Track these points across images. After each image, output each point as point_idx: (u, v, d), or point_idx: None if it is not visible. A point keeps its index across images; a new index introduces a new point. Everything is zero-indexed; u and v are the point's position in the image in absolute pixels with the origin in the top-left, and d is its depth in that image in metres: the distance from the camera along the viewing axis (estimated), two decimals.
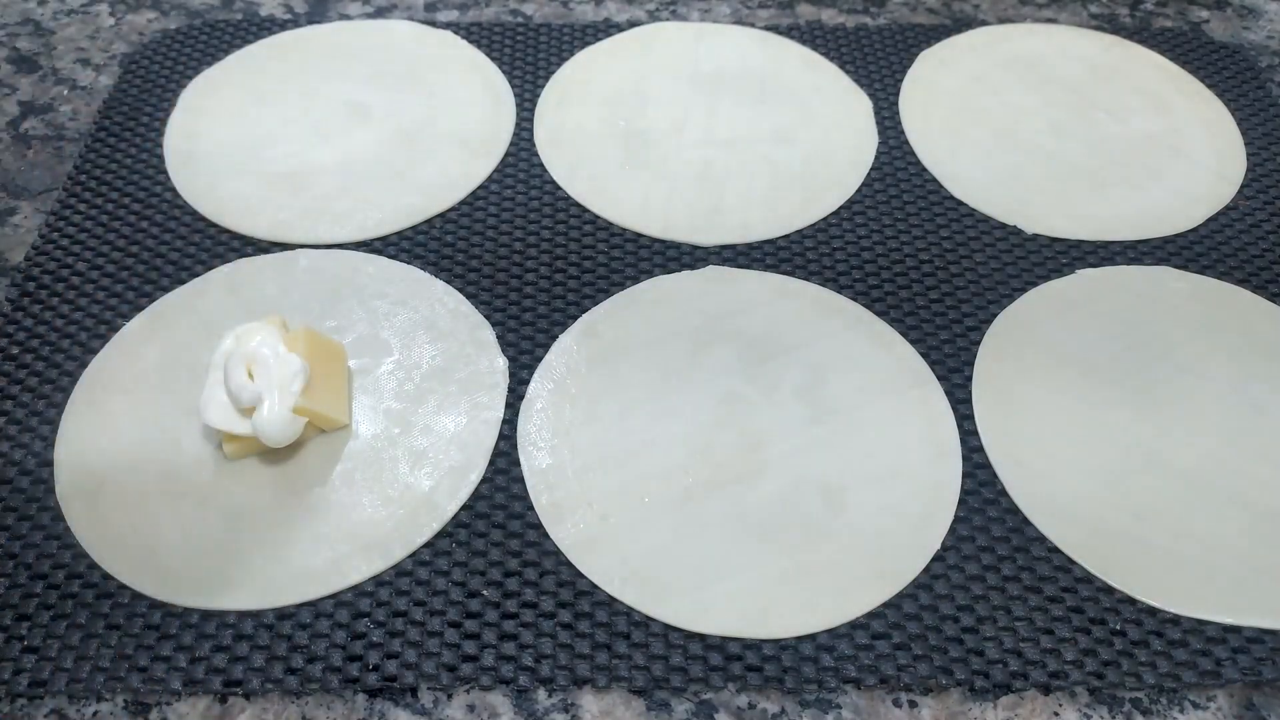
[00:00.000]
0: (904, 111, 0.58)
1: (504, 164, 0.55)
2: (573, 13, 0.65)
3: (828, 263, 0.50)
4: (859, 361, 0.46)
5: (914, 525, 0.41)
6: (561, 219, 0.52)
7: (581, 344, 0.46)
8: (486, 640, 0.37)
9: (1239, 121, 0.59)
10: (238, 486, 0.41)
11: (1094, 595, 0.39)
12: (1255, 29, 0.65)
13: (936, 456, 0.43)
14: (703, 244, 0.51)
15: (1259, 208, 0.54)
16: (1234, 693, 0.37)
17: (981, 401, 0.45)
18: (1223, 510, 0.41)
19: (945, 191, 0.54)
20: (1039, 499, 0.41)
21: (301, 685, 0.36)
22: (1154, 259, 0.51)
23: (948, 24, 0.65)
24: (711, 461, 0.42)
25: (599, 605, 0.38)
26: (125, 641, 0.37)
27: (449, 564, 0.39)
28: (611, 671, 0.36)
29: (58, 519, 0.40)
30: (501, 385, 0.45)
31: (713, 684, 0.36)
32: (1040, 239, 0.52)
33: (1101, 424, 0.44)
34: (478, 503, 0.41)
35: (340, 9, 0.65)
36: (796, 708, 0.36)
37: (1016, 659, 0.37)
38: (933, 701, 0.36)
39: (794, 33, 0.63)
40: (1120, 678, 0.37)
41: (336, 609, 0.38)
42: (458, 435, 0.43)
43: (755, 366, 0.46)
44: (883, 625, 0.38)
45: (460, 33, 0.62)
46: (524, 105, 0.58)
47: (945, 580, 0.39)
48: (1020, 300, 0.49)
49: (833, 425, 0.44)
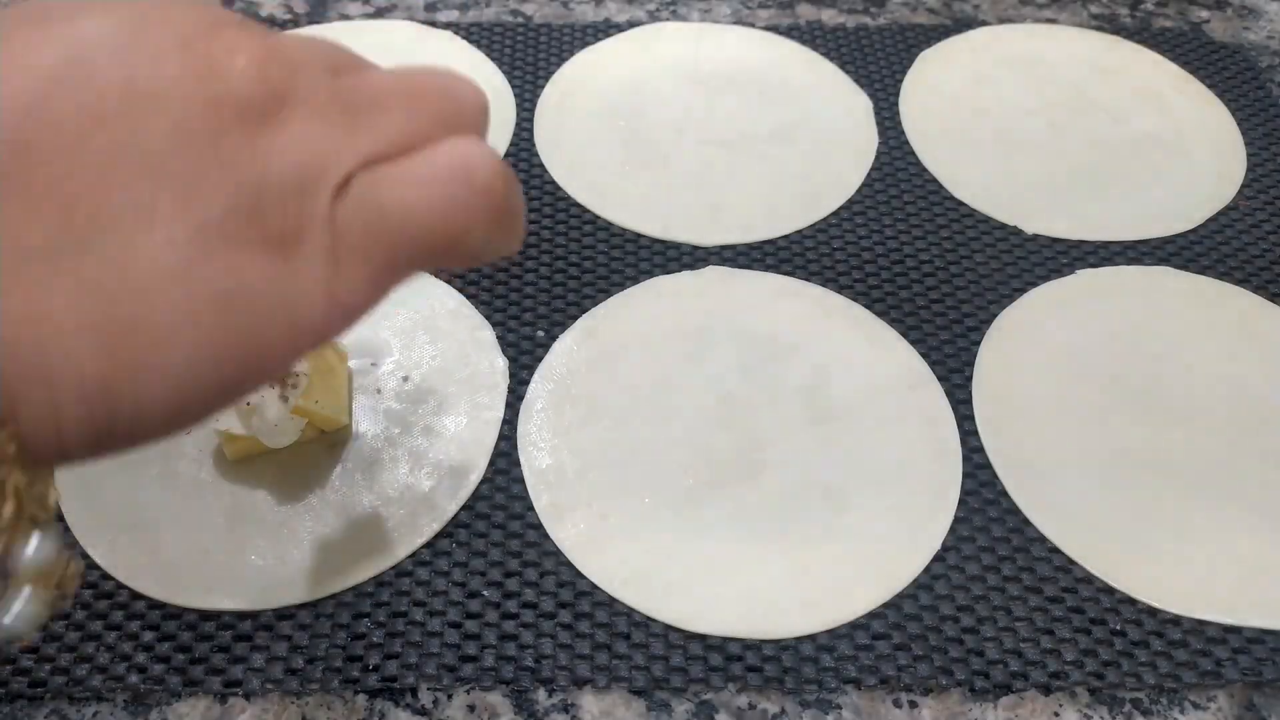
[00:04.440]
0: (904, 111, 0.58)
1: None
2: (573, 13, 0.65)
3: (828, 263, 0.50)
4: (859, 361, 0.46)
5: (914, 525, 0.41)
6: (561, 219, 0.52)
7: (581, 344, 0.46)
8: (486, 640, 0.37)
9: (1239, 121, 0.59)
10: (238, 486, 0.41)
11: (1094, 595, 0.39)
12: (1255, 29, 0.65)
13: (936, 456, 0.43)
14: (703, 244, 0.51)
15: (1259, 208, 0.54)
16: (1234, 693, 0.37)
17: (981, 401, 0.45)
18: (1223, 510, 0.41)
19: (945, 191, 0.54)
20: (1039, 499, 0.41)
21: (301, 685, 0.36)
22: (1154, 259, 0.51)
23: (948, 24, 0.65)
24: (712, 462, 0.42)
25: (599, 605, 0.38)
26: (125, 641, 0.37)
27: (449, 564, 0.39)
28: (611, 672, 0.36)
29: (58, 519, 0.40)
30: (501, 385, 0.45)
31: (713, 684, 0.36)
32: (1040, 239, 0.52)
33: (1101, 424, 0.44)
34: (478, 503, 0.41)
35: (340, 9, 0.65)
36: (796, 708, 0.36)
37: (1017, 659, 0.37)
38: (933, 702, 0.36)
39: (794, 33, 0.63)
40: (1120, 678, 0.37)
41: (336, 609, 0.38)
42: (458, 435, 0.43)
43: (755, 366, 0.46)
44: (883, 625, 0.38)
45: (460, 33, 0.62)
46: (524, 105, 0.58)
47: (945, 580, 0.39)
48: (1020, 300, 0.49)
49: (833, 425, 0.44)
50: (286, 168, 0.20)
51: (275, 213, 0.19)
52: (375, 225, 0.21)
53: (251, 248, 0.19)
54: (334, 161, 0.20)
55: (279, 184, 0.20)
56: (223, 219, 0.19)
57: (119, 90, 0.19)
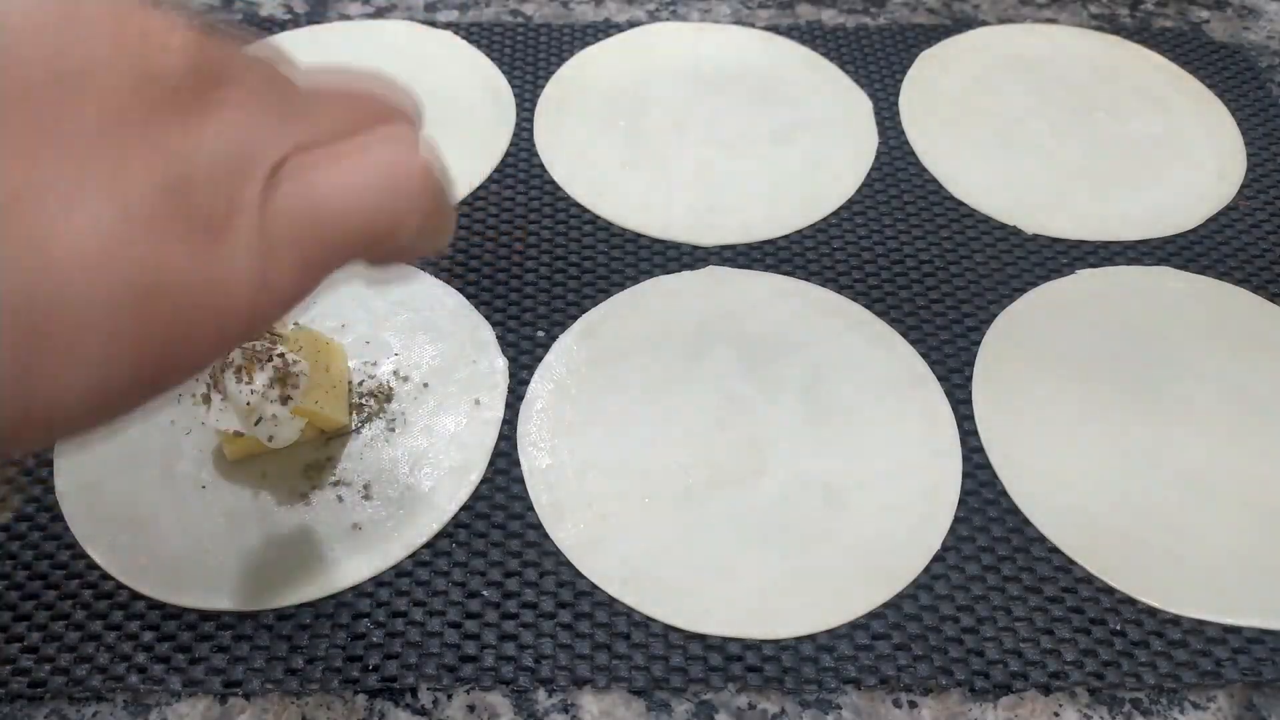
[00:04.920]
0: (904, 111, 0.58)
1: (504, 164, 0.55)
2: (573, 13, 0.65)
3: (828, 263, 0.50)
4: (859, 361, 0.46)
5: (914, 525, 0.41)
6: (561, 219, 0.52)
7: (581, 344, 0.46)
8: (486, 640, 0.37)
9: (1239, 121, 0.59)
10: (238, 486, 0.41)
11: (1094, 596, 0.39)
12: (1255, 29, 0.65)
13: (936, 456, 0.43)
14: (703, 244, 0.51)
15: (1259, 208, 0.54)
16: (1234, 693, 0.37)
17: (981, 401, 0.45)
18: (1223, 510, 0.41)
19: (945, 191, 0.54)
20: (1039, 499, 0.41)
21: (301, 685, 0.36)
22: (1154, 259, 0.51)
23: (948, 24, 0.65)
24: (712, 462, 0.42)
25: (599, 605, 0.38)
26: (125, 642, 0.37)
27: (449, 564, 0.39)
28: (611, 672, 0.36)
29: (58, 519, 0.40)
30: (501, 385, 0.45)
31: (713, 684, 0.36)
32: (1040, 239, 0.52)
33: (1101, 424, 0.44)
34: (478, 503, 0.41)
35: (340, 9, 0.65)
36: (796, 708, 0.36)
37: (1016, 659, 0.37)
38: (933, 702, 0.36)
39: (794, 33, 0.63)
40: (1120, 678, 0.37)
41: (336, 609, 0.38)
42: (458, 435, 0.43)
43: (755, 366, 0.46)
44: (883, 625, 0.38)
45: (460, 33, 0.62)
46: (524, 105, 0.58)
47: (945, 580, 0.39)
48: (1020, 300, 0.49)
49: (833, 425, 0.44)
50: (218, 150, 0.19)
51: (204, 196, 0.19)
52: (307, 214, 0.20)
53: (178, 232, 0.19)
54: (266, 147, 0.20)
55: (209, 166, 0.19)
56: (149, 201, 0.18)
57: (47, 68, 0.18)
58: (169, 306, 0.19)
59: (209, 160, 0.19)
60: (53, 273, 0.17)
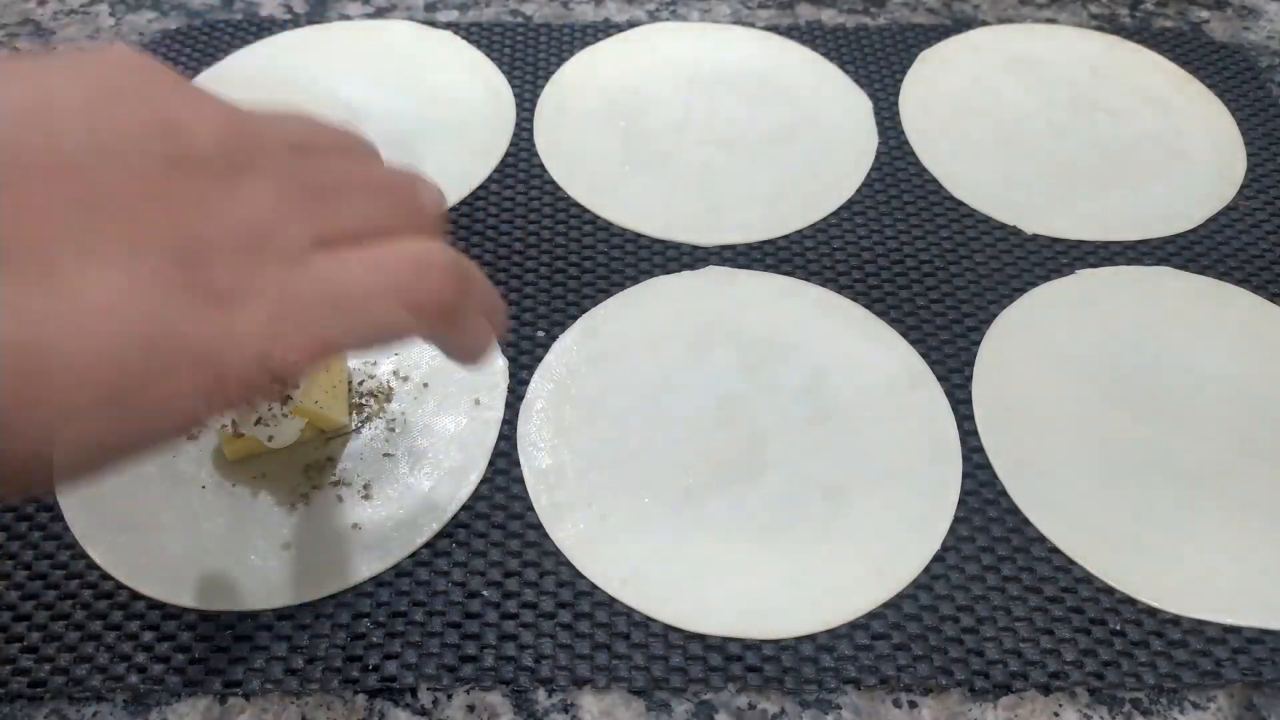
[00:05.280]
0: (904, 111, 0.58)
1: (504, 164, 0.55)
2: (573, 13, 0.65)
3: (828, 263, 0.50)
4: (859, 361, 0.46)
5: (914, 525, 0.41)
6: (561, 219, 0.52)
7: (581, 344, 0.46)
8: (486, 640, 0.37)
9: (1239, 121, 0.59)
10: (238, 486, 0.41)
11: (1094, 595, 0.39)
12: (1255, 29, 0.65)
13: (936, 456, 0.43)
14: (703, 244, 0.51)
15: (1259, 208, 0.54)
16: (1234, 693, 0.37)
17: (981, 401, 0.45)
18: (1223, 510, 0.41)
19: (945, 191, 0.54)
20: (1039, 499, 0.41)
21: (301, 686, 0.36)
22: (1154, 259, 0.51)
23: (948, 24, 0.65)
24: (712, 461, 0.42)
25: (599, 605, 0.38)
26: (125, 642, 0.37)
27: (449, 564, 0.39)
28: (611, 672, 0.36)
29: (57, 519, 0.40)
30: (501, 385, 0.45)
31: (713, 684, 0.36)
32: (1040, 239, 0.52)
33: (1101, 424, 0.44)
34: (478, 503, 0.41)
35: (340, 9, 0.65)
36: (796, 708, 0.36)
37: (1016, 659, 0.37)
38: (933, 702, 0.36)
39: (794, 33, 0.63)
40: (1120, 678, 0.37)
41: (336, 609, 0.38)
42: (458, 435, 0.43)
43: (755, 366, 0.46)
44: (883, 625, 0.38)
45: (460, 33, 0.62)
46: (524, 105, 0.58)
47: (945, 580, 0.39)
48: (1020, 300, 0.49)
49: (833, 425, 0.44)
50: (237, 226, 0.21)
51: (217, 271, 0.20)
52: (325, 302, 0.22)
53: (186, 299, 0.20)
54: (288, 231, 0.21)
55: (228, 241, 0.20)
56: (161, 268, 0.20)
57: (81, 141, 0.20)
58: (168, 363, 0.20)
59: (227, 234, 0.21)
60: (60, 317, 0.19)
